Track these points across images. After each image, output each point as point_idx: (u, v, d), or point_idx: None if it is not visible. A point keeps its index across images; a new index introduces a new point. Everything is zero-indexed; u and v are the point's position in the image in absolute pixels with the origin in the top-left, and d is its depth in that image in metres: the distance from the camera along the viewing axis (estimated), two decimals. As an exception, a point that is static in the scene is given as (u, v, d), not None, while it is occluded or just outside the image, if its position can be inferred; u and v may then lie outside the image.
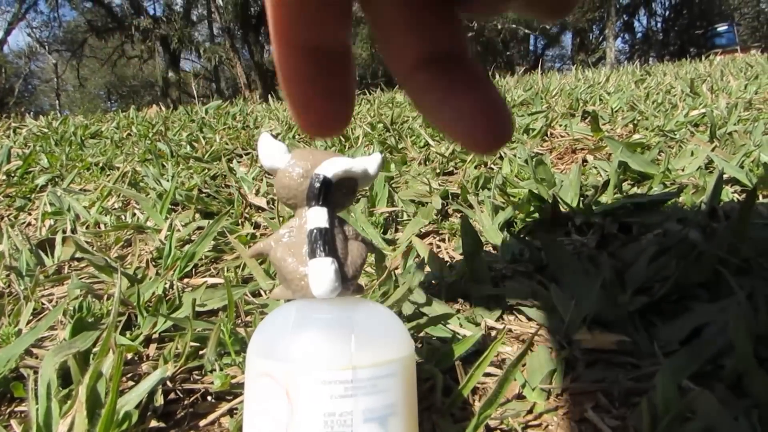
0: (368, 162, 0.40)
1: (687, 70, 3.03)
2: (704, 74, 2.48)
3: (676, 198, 0.87)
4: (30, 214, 1.13)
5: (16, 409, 0.49)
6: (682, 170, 1.00)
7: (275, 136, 0.39)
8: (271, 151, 0.40)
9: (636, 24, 18.81)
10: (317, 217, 0.37)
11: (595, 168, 1.08)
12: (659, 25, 19.08)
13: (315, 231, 0.37)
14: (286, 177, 0.39)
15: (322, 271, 0.36)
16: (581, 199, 0.90)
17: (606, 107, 1.64)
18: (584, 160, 1.17)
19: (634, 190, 0.96)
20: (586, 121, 1.47)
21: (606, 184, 0.89)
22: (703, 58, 4.67)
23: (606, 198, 0.90)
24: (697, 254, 0.60)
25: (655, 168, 0.97)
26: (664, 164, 0.96)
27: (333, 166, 0.38)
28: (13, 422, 0.46)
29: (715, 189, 0.82)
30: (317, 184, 0.38)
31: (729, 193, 0.88)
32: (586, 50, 16.85)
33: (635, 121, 1.38)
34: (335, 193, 0.39)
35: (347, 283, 0.37)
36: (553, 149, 1.27)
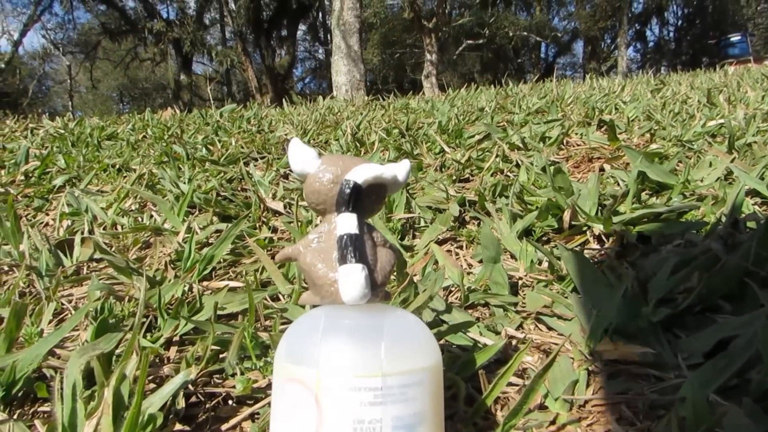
0: (397, 168, 0.40)
1: (702, 80, 3.01)
2: (720, 84, 2.46)
3: (696, 209, 0.86)
4: (48, 215, 1.14)
5: (39, 409, 0.49)
6: (701, 181, 0.99)
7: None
8: (302, 156, 0.40)
9: (648, 33, 18.77)
10: (347, 222, 0.37)
11: (613, 177, 1.07)
12: (672, 34, 19.02)
13: (345, 237, 0.37)
14: (316, 182, 0.39)
15: (352, 277, 0.36)
16: (600, 208, 0.90)
17: (622, 116, 1.64)
18: (601, 169, 1.16)
19: (653, 200, 0.95)
20: (603, 130, 1.46)
21: (625, 194, 0.89)
22: (717, 68, 4.64)
23: (625, 208, 0.89)
24: (721, 266, 0.60)
25: (674, 178, 0.97)
26: (683, 175, 0.95)
27: (363, 172, 0.38)
28: (37, 422, 0.46)
29: (737, 200, 0.81)
30: (347, 190, 0.38)
31: (749, 205, 0.87)
32: (598, 59, 16.80)
33: (652, 131, 1.37)
34: (365, 200, 0.39)
35: (376, 290, 0.37)
36: (569, 157, 1.27)
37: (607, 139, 1.31)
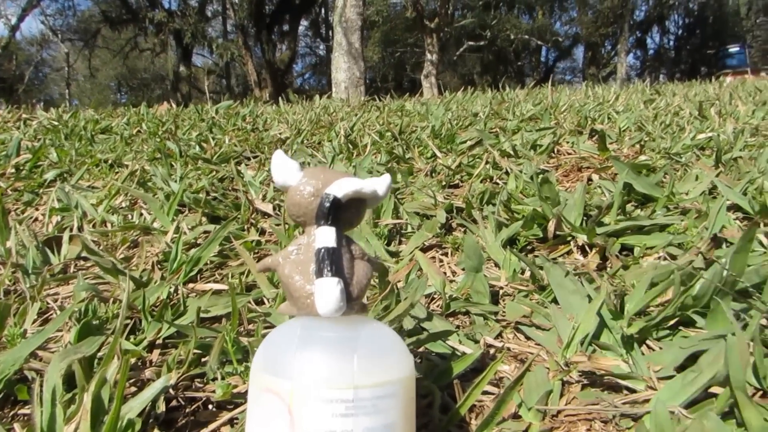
0: (378, 183, 0.41)
1: (696, 91, 3.03)
2: (713, 97, 2.48)
3: (679, 222, 0.87)
4: (37, 209, 1.14)
5: (19, 411, 0.49)
6: (686, 194, 1.01)
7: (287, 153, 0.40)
8: (284, 168, 0.40)
9: (648, 41, 18.81)
10: (326, 236, 0.38)
11: (600, 188, 1.09)
12: (672, 43, 19.09)
13: (323, 250, 0.38)
14: (297, 195, 0.40)
15: (328, 291, 0.37)
16: (585, 219, 0.91)
17: (614, 126, 1.65)
18: (589, 179, 1.17)
19: (638, 212, 0.96)
20: (594, 139, 1.48)
21: (610, 205, 0.90)
22: (713, 78, 4.67)
23: (609, 219, 0.90)
24: (696, 282, 0.61)
25: (660, 191, 0.98)
26: (668, 187, 0.96)
27: (343, 186, 0.39)
28: (16, 425, 0.46)
29: (718, 216, 0.83)
30: (327, 204, 0.38)
31: (731, 220, 0.88)
32: (598, 64, 16.85)
33: (642, 142, 1.38)
34: (344, 213, 0.40)
35: (352, 303, 0.38)
36: (559, 166, 1.28)
37: (597, 149, 1.32)
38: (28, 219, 1.07)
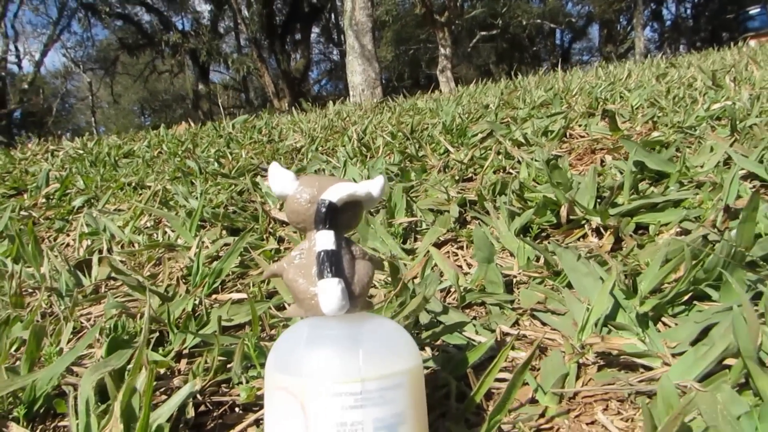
0: (371, 185, 0.43)
1: (713, 59, 2.97)
2: (729, 64, 2.43)
3: (694, 196, 0.87)
4: (68, 235, 1.19)
5: (59, 424, 0.52)
6: (701, 167, 1.00)
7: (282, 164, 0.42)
8: (280, 179, 0.42)
9: (665, 12, 18.42)
10: (325, 239, 0.40)
11: (614, 168, 1.08)
12: (689, 11, 18.66)
13: (323, 253, 0.40)
14: (294, 203, 0.42)
15: (330, 291, 0.39)
16: (597, 201, 0.91)
17: (626, 105, 1.64)
18: (602, 161, 1.17)
19: (652, 189, 0.96)
20: (606, 120, 1.47)
21: (621, 185, 0.90)
22: (737, 43, 4.55)
23: (622, 199, 0.90)
24: (706, 255, 0.61)
25: (672, 166, 0.97)
26: (680, 162, 0.96)
27: (338, 191, 0.41)
28: (58, 436, 0.49)
29: (731, 186, 0.82)
30: (323, 209, 0.40)
31: (747, 189, 0.87)
32: (614, 41, 16.57)
33: (655, 118, 1.37)
34: (341, 216, 0.42)
35: (355, 301, 0.40)
36: (572, 150, 1.28)
37: (609, 129, 1.32)
38: (59, 245, 1.11)
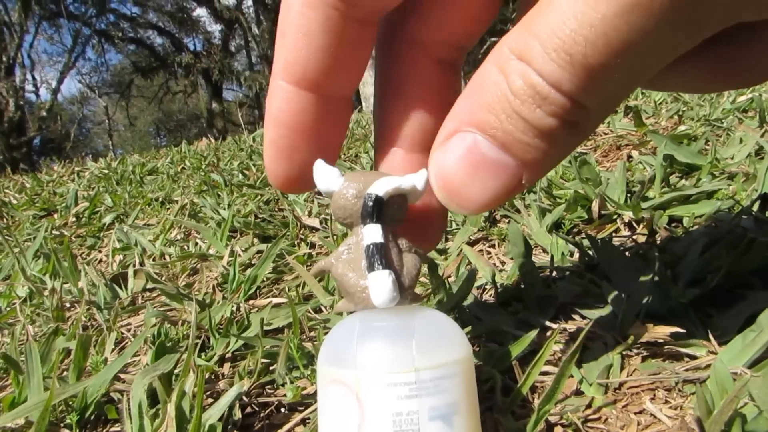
0: (416, 178, 0.43)
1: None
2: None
3: (726, 187, 0.86)
4: (101, 252, 1.21)
5: (110, 429, 0.53)
6: (731, 159, 0.99)
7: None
8: (326, 175, 0.43)
9: None
10: (372, 233, 0.40)
11: (641, 163, 1.08)
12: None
13: (372, 246, 0.40)
14: (341, 198, 0.42)
15: (380, 283, 0.39)
16: (628, 195, 0.91)
17: (649, 100, 1.63)
18: (629, 156, 1.17)
19: (683, 182, 0.95)
20: (629, 116, 1.46)
21: (652, 178, 0.89)
22: None
23: (653, 193, 0.90)
24: (748, 242, 0.61)
25: (703, 158, 0.97)
26: (711, 154, 0.95)
27: (383, 185, 0.41)
28: (110, 441, 0.50)
29: (766, 175, 0.81)
30: (370, 203, 0.41)
31: (781, 178, 0.86)
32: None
33: (680, 113, 1.36)
34: (387, 210, 0.42)
35: (404, 293, 0.40)
36: (597, 147, 1.27)
37: (633, 125, 1.31)
38: (93, 261, 1.13)
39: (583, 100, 0.26)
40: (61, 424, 0.52)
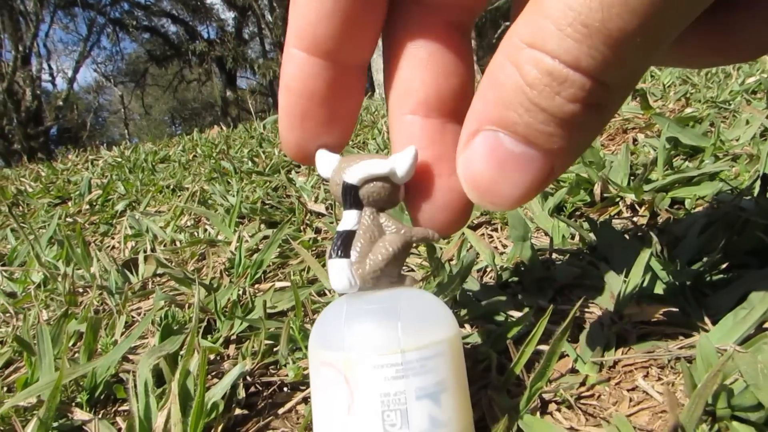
0: (398, 160, 0.42)
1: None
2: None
3: (729, 169, 0.86)
4: (113, 238, 1.23)
5: (119, 408, 0.55)
6: (737, 140, 0.99)
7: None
8: (323, 162, 0.43)
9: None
10: (346, 219, 0.41)
11: (647, 146, 1.08)
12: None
13: (337, 233, 0.41)
14: (332, 185, 0.43)
15: (334, 271, 0.39)
16: (631, 178, 0.91)
17: (658, 83, 1.62)
18: (635, 139, 1.16)
19: (686, 164, 0.95)
20: (637, 99, 1.45)
21: (654, 160, 0.90)
22: None
23: (656, 175, 0.90)
24: (743, 222, 0.61)
25: (707, 140, 0.96)
26: (714, 136, 0.95)
27: (355, 171, 0.41)
28: (118, 419, 0.52)
29: (768, 155, 0.81)
30: (341, 190, 0.41)
31: (784, 159, 0.86)
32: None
33: (688, 95, 1.35)
34: (368, 195, 0.42)
35: (369, 279, 0.40)
36: (603, 130, 1.27)
37: (640, 108, 1.30)
38: (106, 247, 1.16)
39: (603, 77, 0.25)
40: (72, 403, 0.54)
